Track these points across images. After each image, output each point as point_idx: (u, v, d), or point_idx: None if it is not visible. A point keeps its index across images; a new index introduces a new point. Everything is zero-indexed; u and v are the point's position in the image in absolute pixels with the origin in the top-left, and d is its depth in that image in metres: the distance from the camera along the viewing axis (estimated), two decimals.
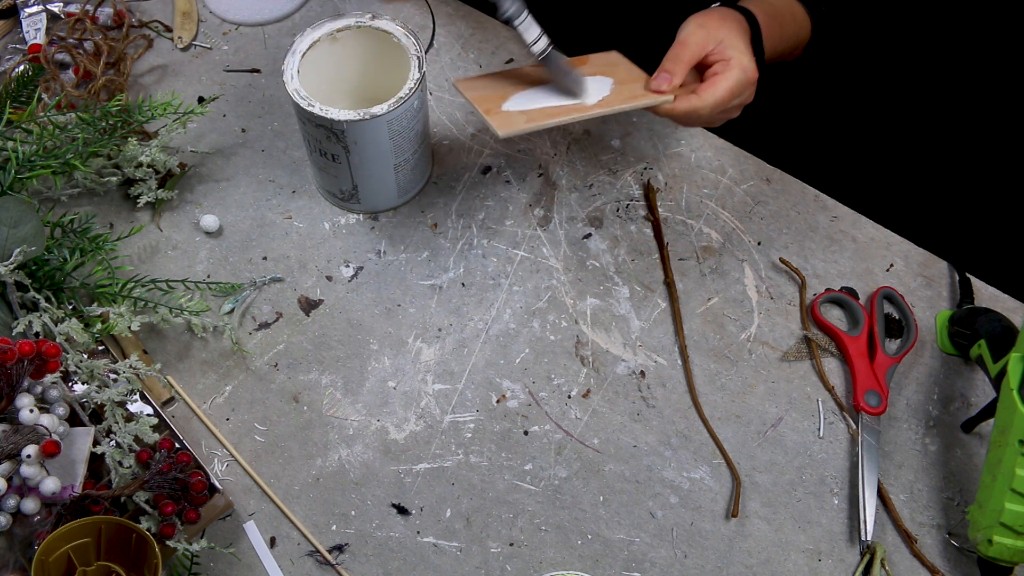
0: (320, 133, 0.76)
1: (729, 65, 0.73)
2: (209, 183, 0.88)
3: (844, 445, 0.76)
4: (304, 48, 0.78)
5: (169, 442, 0.69)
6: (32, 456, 0.60)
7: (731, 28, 0.75)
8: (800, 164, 0.92)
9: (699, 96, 0.73)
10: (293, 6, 1.00)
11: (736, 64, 0.73)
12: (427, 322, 0.81)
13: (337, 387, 0.78)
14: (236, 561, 0.70)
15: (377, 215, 0.87)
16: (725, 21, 0.76)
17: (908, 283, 0.84)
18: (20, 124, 0.82)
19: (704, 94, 0.73)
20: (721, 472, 0.74)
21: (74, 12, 0.94)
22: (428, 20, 1.00)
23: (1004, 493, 0.64)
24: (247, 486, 0.74)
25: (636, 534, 0.72)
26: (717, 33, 0.74)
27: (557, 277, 0.83)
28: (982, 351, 0.73)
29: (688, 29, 0.75)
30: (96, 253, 0.79)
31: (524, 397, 0.77)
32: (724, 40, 0.74)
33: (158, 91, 0.94)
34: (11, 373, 0.62)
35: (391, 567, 0.70)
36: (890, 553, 0.71)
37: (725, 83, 0.73)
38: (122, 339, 0.78)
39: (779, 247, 0.85)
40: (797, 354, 0.80)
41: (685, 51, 0.74)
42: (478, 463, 0.75)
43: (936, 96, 1.20)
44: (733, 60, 0.73)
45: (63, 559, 0.61)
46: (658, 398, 0.78)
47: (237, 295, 0.82)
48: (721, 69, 0.74)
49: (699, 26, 0.75)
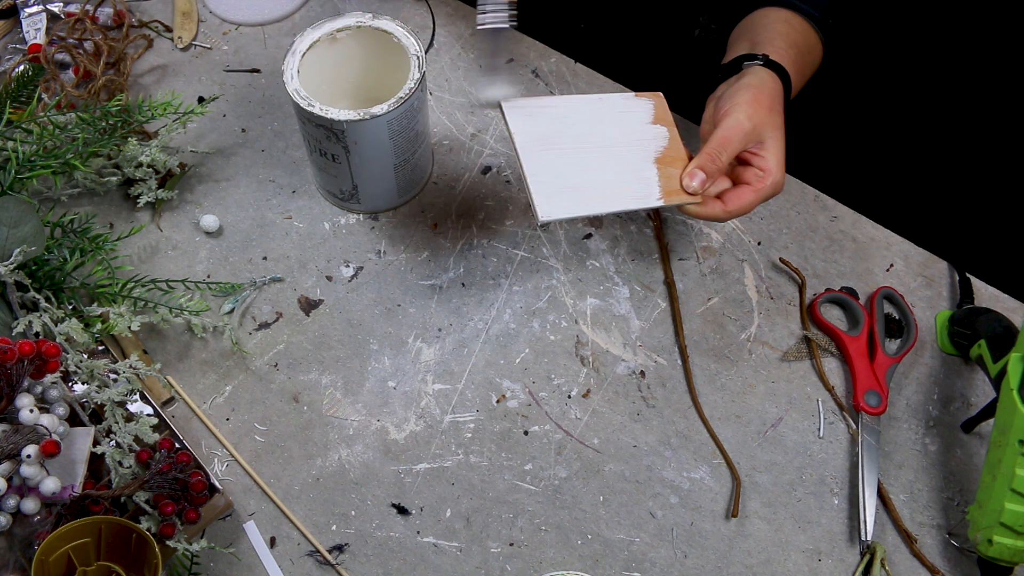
0: (320, 133, 0.76)
1: (764, 180, 0.70)
2: (209, 183, 0.88)
3: (844, 445, 0.76)
4: (304, 48, 0.78)
5: (169, 442, 0.69)
6: (32, 456, 0.60)
7: (777, 125, 0.71)
8: (800, 164, 0.92)
9: (724, 207, 0.70)
10: (293, 6, 1.00)
11: (771, 182, 0.70)
12: (427, 322, 0.81)
13: (337, 387, 0.78)
14: (236, 561, 0.70)
15: (377, 215, 0.87)
16: (772, 113, 0.71)
17: (908, 283, 0.84)
18: (20, 124, 0.82)
19: (731, 206, 0.70)
20: (721, 472, 0.74)
21: (74, 12, 0.94)
22: (428, 20, 1.00)
23: (1004, 493, 0.64)
24: (247, 486, 0.74)
25: (636, 534, 0.72)
26: (763, 131, 0.70)
27: (557, 277, 0.83)
28: (982, 351, 0.73)
29: (735, 118, 0.70)
30: (96, 253, 0.79)
31: (524, 397, 0.77)
32: (767, 143, 0.71)
33: (158, 91, 0.94)
34: (11, 373, 0.62)
35: (391, 567, 0.70)
36: (890, 553, 0.71)
37: (753, 198, 0.70)
38: (122, 339, 0.78)
39: (779, 247, 0.85)
40: (797, 354, 0.80)
41: (726, 149, 0.70)
42: (478, 463, 0.75)
43: (936, 96, 1.20)
44: (768, 176, 0.70)
45: (63, 559, 0.61)
46: (658, 398, 0.78)
47: (237, 295, 0.82)
48: (755, 182, 0.70)
49: (748, 118, 0.70)
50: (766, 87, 0.72)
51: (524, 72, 0.95)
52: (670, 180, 0.71)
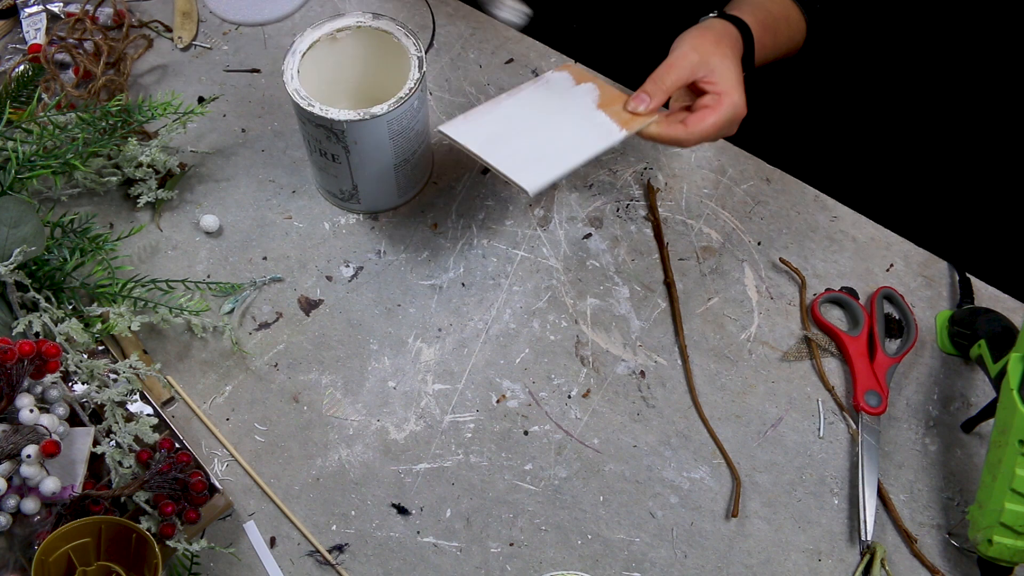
0: (320, 133, 0.76)
1: (721, 101, 0.72)
2: (209, 183, 0.88)
3: (844, 445, 0.76)
4: (304, 48, 0.78)
5: (169, 442, 0.69)
6: (32, 456, 0.60)
7: (725, 54, 0.74)
8: (800, 164, 0.92)
9: (686, 127, 0.72)
10: (293, 6, 1.00)
11: (728, 102, 0.72)
12: (427, 322, 0.81)
13: (337, 387, 0.78)
14: (236, 561, 0.70)
15: (377, 215, 0.87)
16: (720, 45, 0.74)
17: (908, 283, 0.84)
18: (20, 124, 0.82)
19: (692, 127, 0.72)
20: (721, 472, 0.74)
21: (74, 12, 0.94)
22: (428, 20, 1.00)
23: (1004, 493, 0.64)
24: (247, 486, 0.74)
25: (636, 534, 0.72)
26: (710, 59, 0.73)
27: (557, 277, 0.83)
28: (982, 351, 0.73)
29: (680, 50, 0.74)
30: (96, 253, 0.79)
31: (524, 397, 0.77)
32: (717, 69, 0.73)
33: (158, 91, 0.94)
34: (11, 373, 0.62)
35: (391, 567, 0.70)
36: (890, 553, 0.71)
37: (714, 119, 0.72)
38: (122, 339, 0.78)
39: (779, 247, 0.85)
40: (797, 354, 0.80)
41: (670, 74, 0.73)
42: (478, 463, 0.75)
43: (935, 96, 1.20)
44: (725, 97, 0.72)
45: (63, 559, 0.61)
46: (658, 398, 0.78)
47: (237, 295, 0.82)
48: (712, 103, 0.73)
49: (693, 48, 0.73)
50: (714, 28, 0.76)
51: (524, 72, 0.95)
52: (621, 115, 0.75)
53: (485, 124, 0.75)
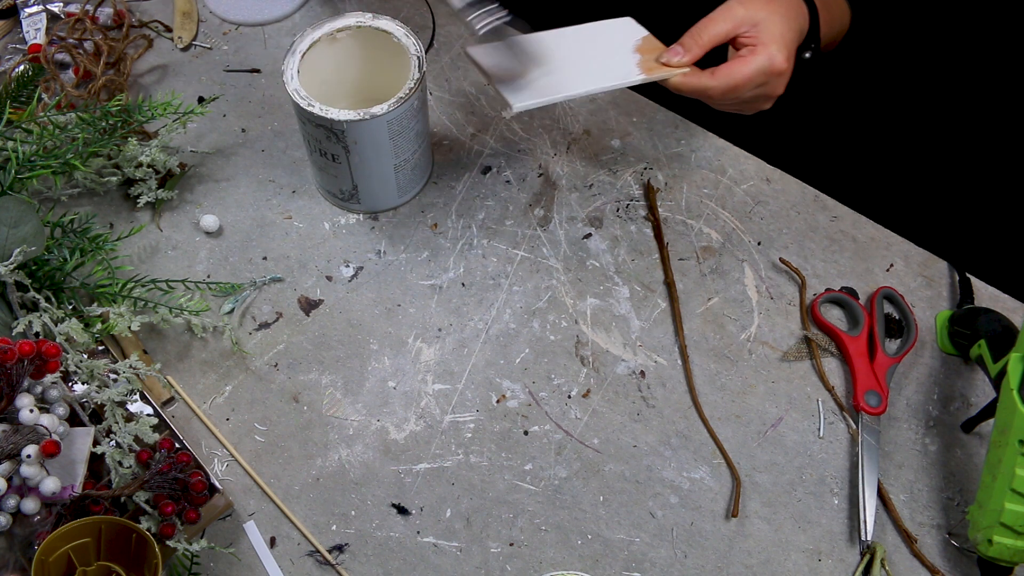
0: (320, 133, 0.76)
1: (755, 51, 0.68)
2: (209, 183, 0.88)
3: (844, 445, 0.76)
4: (304, 48, 0.78)
5: (169, 442, 0.69)
6: (32, 456, 0.60)
7: (774, 11, 0.69)
8: (800, 164, 0.92)
9: (712, 75, 0.68)
10: (293, 6, 1.00)
11: (763, 52, 0.68)
12: (427, 322, 0.81)
13: (337, 387, 0.78)
14: (236, 561, 0.70)
15: (377, 215, 0.87)
16: (771, 3, 0.69)
17: (908, 283, 0.84)
18: (20, 124, 0.82)
19: (719, 75, 0.68)
20: (721, 472, 0.74)
21: (74, 12, 0.94)
22: (428, 20, 1.00)
23: (1004, 493, 0.64)
24: (247, 486, 0.74)
25: (636, 534, 0.72)
26: (756, 14, 0.68)
27: (557, 277, 0.83)
28: (982, 351, 0.73)
29: (727, 4, 0.69)
30: (96, 253, 0.79)
31: (524, 397, 0.77)
32: (761, 23, 0.68)
33: (158, 91, 0.94)
34: (11, 373, 0.62)
35: (391, 567, 0.70)
36: (890, 553, 0.71)
37: (744, 69, 0.68)
38: (122, 339, 0.78)
39: (779, 247, 0.85)
40: (797, 354, 0.80)
41: (709, 27, 0.69)
42: (478, 463, 0.75)
43: (936, 96, 1.20)
44: (761, 47, 0.68)
45: (63, 559, 0.61)
46: (658, 398, 0.78)
47: (237, 295, 0.82)
48: (747, 54, 0.69)
49: (739, 3, 0.69)
50: None
51: None
52: (648, 63, 0.72)
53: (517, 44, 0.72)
